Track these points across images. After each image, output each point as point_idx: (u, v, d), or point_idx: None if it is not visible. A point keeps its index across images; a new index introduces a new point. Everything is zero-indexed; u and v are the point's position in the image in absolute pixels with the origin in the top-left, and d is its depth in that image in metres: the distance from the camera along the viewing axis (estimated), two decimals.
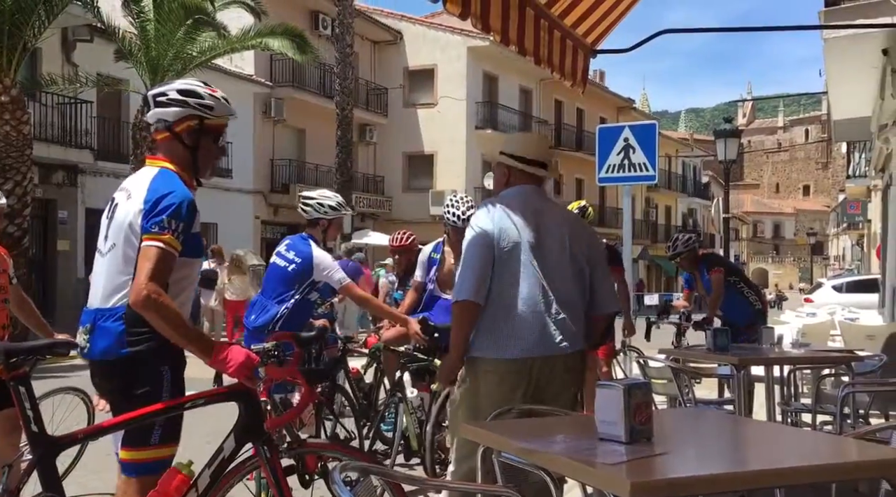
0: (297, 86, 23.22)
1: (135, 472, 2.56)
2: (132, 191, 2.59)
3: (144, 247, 2.45)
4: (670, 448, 2.11)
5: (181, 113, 2.58)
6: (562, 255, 3.09)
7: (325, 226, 4.49)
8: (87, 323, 2.59)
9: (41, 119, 15.39)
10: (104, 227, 2.67)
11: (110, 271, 2.59)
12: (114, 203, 2.67)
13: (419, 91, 27.74)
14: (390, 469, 3.87)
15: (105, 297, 2.58)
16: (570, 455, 2.00)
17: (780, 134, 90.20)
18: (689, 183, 46.24)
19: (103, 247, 2.65)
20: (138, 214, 2.51)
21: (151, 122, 2.66)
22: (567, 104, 32.91)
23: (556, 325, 3.05)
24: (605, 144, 7.35)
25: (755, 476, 1.85)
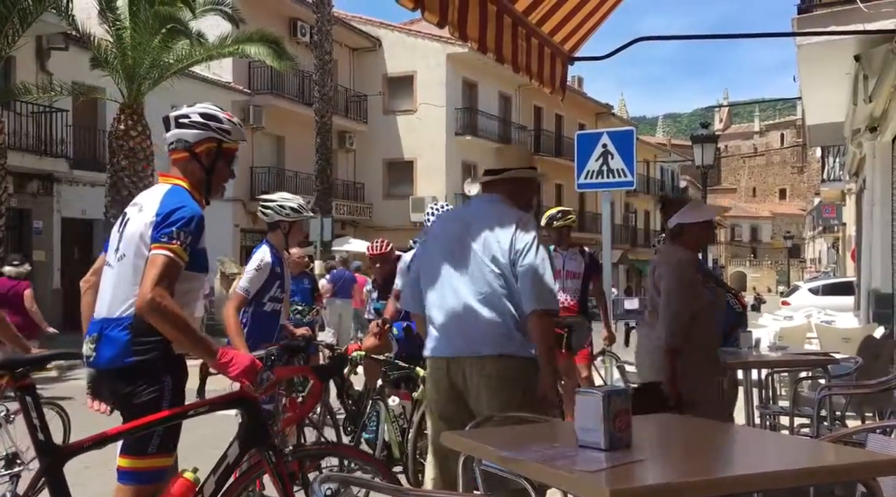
0: (276, 93, 23.14)
1: (132, 480, 2.63)
2: (144, 204, 2.70)
3: (152, 255, 2.54)
4: (650, 455, 2.12)
5: (202, 135, 2.74)
6: (476, 257, 3.05)
7: (286, 229, 4.31)
8: (94, 332, 2.65)
9: (15, 128, 15.20)
10: (115, 241, 2.75)
11: (118, 282, 2.66)
12: (125, 217, 2.76)
13: (399, 98, 27.75)
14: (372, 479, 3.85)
15: (112, 306, 2.64)
16: (549, 463, 2.00)
17: (756, 138, 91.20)
18: (667, 187, 46.64)
19: (113, 259, 2.73)
20: (149, 226, 2.61)
21: (170, 141, 2.77)
22: (546, 110, 33.08)
23: (464, 327, 3.04)
24: (584, 150, 7.40)
25: (734, 481, 1.87)
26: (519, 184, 3.25)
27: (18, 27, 12.69)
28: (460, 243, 3.11)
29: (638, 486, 1.84)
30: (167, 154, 2.89)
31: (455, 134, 27.45)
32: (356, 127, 26.78)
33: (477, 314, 3.02)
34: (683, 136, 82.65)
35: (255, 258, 4.22)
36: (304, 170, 22.64)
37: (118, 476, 2.65)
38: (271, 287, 4.25)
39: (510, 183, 3.23)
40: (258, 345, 4.12)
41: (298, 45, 23.12)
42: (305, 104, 22.74)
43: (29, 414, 2.43)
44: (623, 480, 1.84)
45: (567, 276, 6.37)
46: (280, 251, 4.34)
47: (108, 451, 6.52)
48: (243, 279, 4.17)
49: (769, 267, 71.17)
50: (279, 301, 4.35)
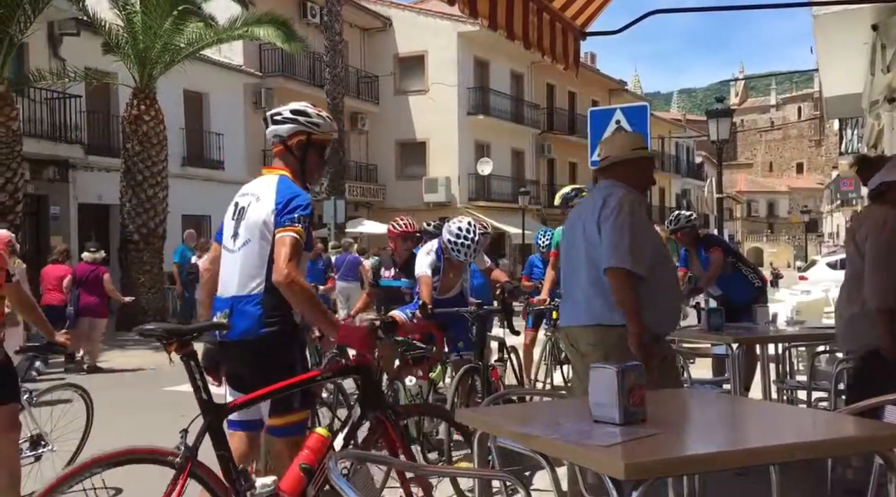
0: (287, 75, 23.09)
1: (284, 433, 2.98)
2: (260, 195, 3.02)
3: (280, 237, 2.87)
4: (664, 428, 2.13)
5: (293, 129, 3.05)
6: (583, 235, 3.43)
7: None
8: (225, 308, 2.97)
9: (30, 115, 15.28)
10: (231, 228, 3.08)
11: (245, 263, 2.98)
12: (239, 207, 3.10)
13: (410, 78, 27.61)
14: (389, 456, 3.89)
15: (242, 285, 2.97)
16: (564, 438, 2.01)
17: (772, 112, 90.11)
18: (682, 164, 46.25)
19: (233, 244, 3.05)
20: (271, 213, 2.93)
21: (270, 138, 3.12)
22: (559, 88, 32.81)
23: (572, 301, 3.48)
24: (597, 127, 7.33)
25: (749, 454, 1.87)
26: (629, 166, 3.51)
27: (30, 13, 12.71)
28: (576, 226, 3.49)
29: (653, 459, 1.85)
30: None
31: (467, 113, 27.31)
32: (368, 108, 26.70)
33: (581, 288, 3.38)
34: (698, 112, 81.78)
35: None
36: None
37: (271, 431, 3.00)
38: None
39: (621, 166, 3.50)
40: None
41: (308, 27, 23.03)
42: (317, 86, 22.69)
43: (193, 376, 2.72)
44: (638, 454, 1.84)
45: None
46: None
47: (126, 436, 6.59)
48: None
49: (786, 242, 70.59)
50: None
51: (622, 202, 3.31)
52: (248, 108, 22.14)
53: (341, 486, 1.75)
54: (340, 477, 1.80)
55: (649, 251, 3.30)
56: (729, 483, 4.01)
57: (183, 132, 19.60)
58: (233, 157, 21.29)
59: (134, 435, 6.40)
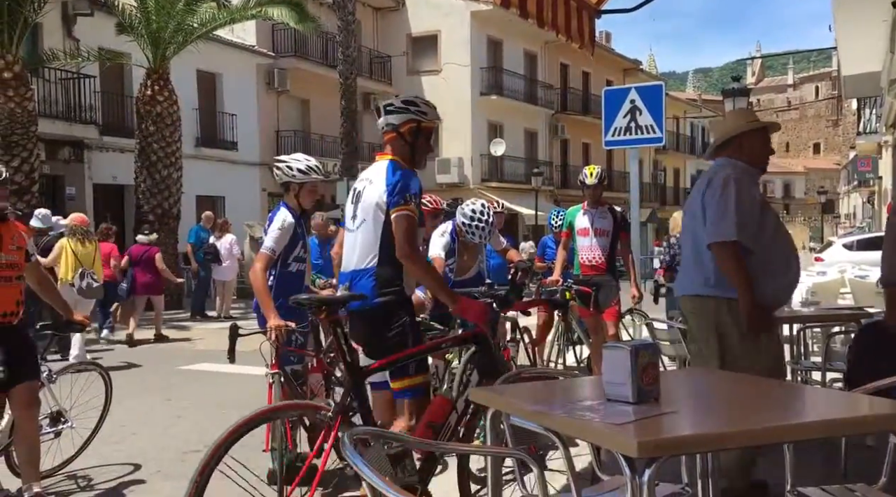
0: (300, 56, 23.02)
1: (407, 395, 3.28)
2: (373, 179, 3.33)
3: (396, 216, 3.18)
4: (678, 407, 2.13)
5: (404, 117, 3.35)
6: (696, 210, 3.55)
7: (297, 190, 4.30)
8: (346, 282, 3.34)
9: (45, 95, 15.35)
10: (351, 210, 3.43)
11: (363, 241, 3.31)
12: (356, 191, 3.42)
13: (423, 58, 27.46)
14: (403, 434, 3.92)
15: (360, 260, 3.30)
16: (577, 416, 2.02)
17: (789, 92, 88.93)
18: (697, 144, 45.84)
19: (352, 224, 3.40)
20: (384, 194, 3.23)
21: (382, 126, 3.40)
22: (573, 67, 32.53)
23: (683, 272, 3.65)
24: (612, 107, 7.27)
25: (762, 432, 1.86)
26: (744, 141, 3.56)
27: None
28: (693, 198, 3.60)
29: (666, 437, 1.85)
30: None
31: (480, 94, 27.16)
32: (381, 88, 26.60)
33: (686, 259, 3.55)
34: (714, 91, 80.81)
35: (277, 219, 4.22)
36: (329, 133, 22.61)
37: (396, 395, 3.31)
38: (295, 247, 4.27)
39: (734, 142, 3.55)
40: (285, 305, 4.16)
41: (321, 7, 22.90)
42: (329, 66, 22.61)
43: (340, 342, 3.05)
44: (651, 432, 1.84)
45: (596, 234, 6.34)
46: (297, 212, 4.32)
47: (142, 413, 6.67)
48: (268, 239, 4.17)
49: (802, 223, 70.00)
50: (303, 261, 4.37)
51: (727, 180, 3.37)
52: (260, 88, 22.12)
53: (356, 462, 1.76)
54: (355, 453, 1.82)
55: (755, 226, 3.36)
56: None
57: (196, 113, 19.63)
58: (246, 138, 21.31)
59: (144, 413, 6.50)
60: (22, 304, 3.89)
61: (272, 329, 3.90)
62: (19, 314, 3.85)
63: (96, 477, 4.54)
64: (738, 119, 3.68)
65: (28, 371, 3.83)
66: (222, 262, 13.24)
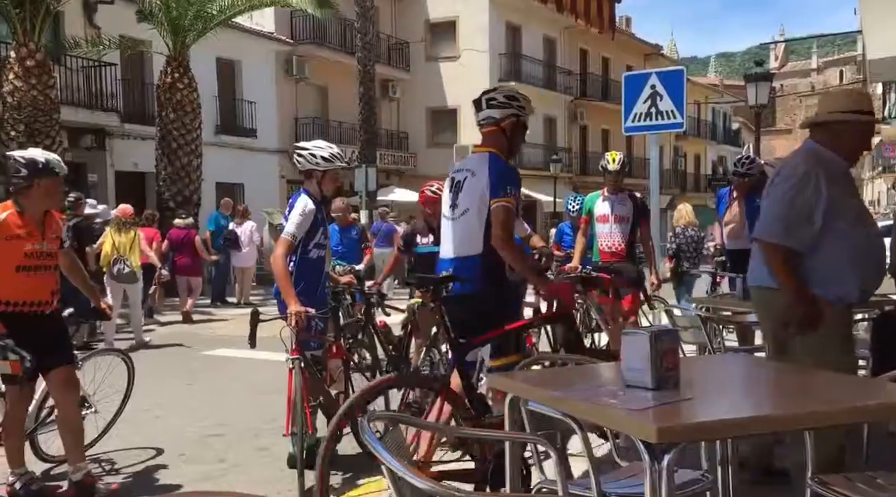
0: (318, 42, 23.00)
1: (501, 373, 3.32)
2: (475, 170, 3.51)
3: (496, 207, 3.38)
4: (698, 393, 2.12)
5: (506, 112, 3.55)
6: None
7: (319, 178, 4.29)
8: (448, 268, 3.53)
9: (67, 83, 15.47)
10: (450, 199, 3.61)
11: (464, 229, 3.52)
12: (455, 181, 3.60)
13: (441, 44, 27.34)
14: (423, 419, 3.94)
15: (460, 248, 3.52)
16: (596, 402, 2.02)
17: (813, 76, 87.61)
18: (718, 130, 45.34)
19: (451, 213, 3.60)
20: (486, 186, 3.42)
21: (482, 119, 3.58)
22: (592, 53, 32.24)
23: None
24: (632, 92, 7.20)
25: (782, 419, 1.85)
26: (842, 129, 3.24)
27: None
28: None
29: (685, 423, 1.84)
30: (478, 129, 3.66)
31: (498, 80, 26.98)
32: (399, 75, 26.55)
33: (758, 250, 3.41)
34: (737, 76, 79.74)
35: (298, 205, 4.23)
36: (347, 120, 22.62)
37: (490, 371, 3.45)
38: (315, 233, 4.27)
39: (833, 127, 3.26)
40: (305, 291, 4.18)
41: None
42: (348, 53, 22.59)
43: (443, 319, 3.32)
44: (670, 418, 1.84)
45: (616, 220, 6.30)
46: (317, 198, 4.32)
47: (164, 397, 6.74)
48: (289, 224, 4.18)
49: None
50: (323, 248, 4.37)
51: (796, 172, 3.19)
52: (279, 75, 22.15)
53: (374, 446, 1.78)
54: (373, 437, 1.83)
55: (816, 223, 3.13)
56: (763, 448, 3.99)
57: (216, 100, 19.70)
58: (265, 126, 21.37)
59: (163, 398, 6.58)
60: (56, 293, 3.92)
61: (292, 315, 3.92)
62: (53, 303, 3.89)
63: (120, 460, 4.62)
64: (849, 103, 3.27)
65: (63, 357, 3.89)
66: (242, 248, 13.33)
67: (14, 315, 3.71)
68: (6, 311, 3.70)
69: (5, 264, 3.69)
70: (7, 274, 3.69)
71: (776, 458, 3.60)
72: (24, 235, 3.73)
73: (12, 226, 3.71)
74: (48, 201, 3.81)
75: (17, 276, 3.71)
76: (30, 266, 3.74)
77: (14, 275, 3.70)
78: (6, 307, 3.71)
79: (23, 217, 3.74)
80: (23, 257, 3.72)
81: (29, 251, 3.75)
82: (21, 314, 3.74)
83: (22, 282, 3.73)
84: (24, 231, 3.73)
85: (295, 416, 3.89)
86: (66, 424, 3.92)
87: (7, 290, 3.71)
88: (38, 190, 3.75)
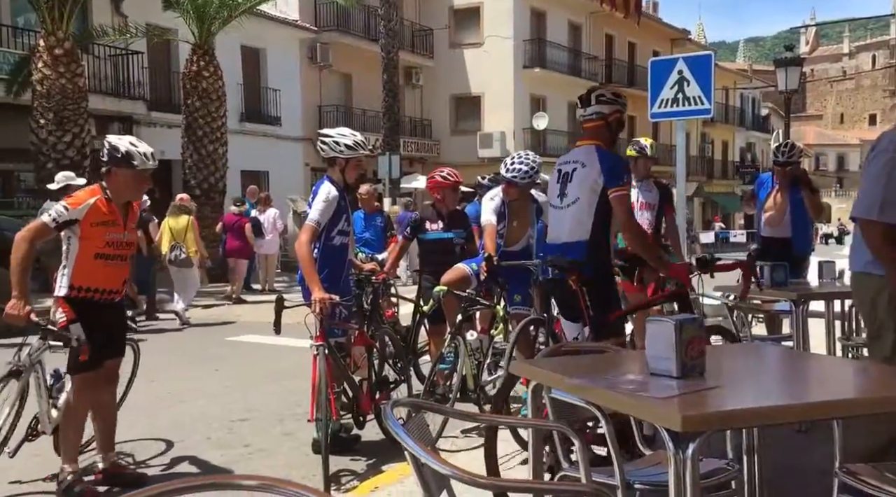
0: (342, 30, 23.00)
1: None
2: (584, 162, 3.74)
3: (615, 196, 3.62)
4: (724, 382, 2.09)
5: (613, 108, 3.83)
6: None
7: (342, 165, 4.30)
8: (554, 253, 3.81)
9: (94, 71, 15.64)
10: (558, 188, 3.83)
11: (575, 217, 3.74)
12: (562, 172, 3.83)
13: (465, 30, 27.19)
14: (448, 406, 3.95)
15: (570, 234, 3.75)
16: (620, 390, 2.00)
17: (845, 61, 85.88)
18: (747, 116, 44.65)
19: (560, 202, 3.82)
20: (598, 177, 3.65)
21: (589, 114, 3.83)
22: (618, 38, 31.88)
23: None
24: (658, 78, 7.10)
25: (809, 408, 1.82)
26: None
27: None
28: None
29: (711, 411, 1.82)
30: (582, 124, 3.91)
31: (523, 67, 26.83)
32: (423, 62, 26.47)
33: (859, 235, 3.34)
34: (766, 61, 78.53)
35: (322, 191, 4.24)
36: (371, 107, 22.63)
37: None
38: (339, 220, 4.29)
39: None
40: (329, 278, 4.19)
41: None
42: (371, 40, 22.56)
43: (584, 300, 3.59)
44: (695, 406, 1.82)
45: (641, 207, 6.22)
46: (341, 186, 4.33)
47: (190, 383, 6.80)
48: (313, 211, 4.20)
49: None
50: (346, 234, 4.38)
51: (891, 147, 3.11)
52: (303, 63, 22.20)
53: (398, 432, 1.78)
54: (397, 423, 1.83)
55: None
56: (789, 439, 3.95)
57: (241, 88, 19.81)
58: (289, 113, 21.46)
59: (176, 388, 6.66)
60: (126, 283, 3.93)
61: (317, 302, 3.94)
62: (122, 292, 3.89)
63: (145, 445, 4.68)
64: None
65: (119, 348, 3.92)
66: (265, 235, 13.44)
67: (84, 301, 3.67)
68: (77, 296, 3.67)
69: (86, 250, 3.65)
70: (86, 260, 3.65)
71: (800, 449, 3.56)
72: (110, 223, 3.69)
73: (100, 212, 3.66)
74: (125, 192, 3.74)
75: (94, 262, 3.67)
76: (108, 255, 3.70)
77: (92, 261, 3.66)
78: (78, 293, 3.67)
79: (109, 204, 3.69)
80: (104, 245, 3.68)
81: (111, 240, 3.71)
82: (91, 301, 3.70)
83: (99, 269, 3.69)
84: (109, 218, 3.69)
85: (319, 402, 3.91)
86: (106, 414, 3.90)
87: (82, 277, 3.67)
88: (115, 178, 3.70)
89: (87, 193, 3.72)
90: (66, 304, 3.64)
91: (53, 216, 3.59)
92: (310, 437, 4.42)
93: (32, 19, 14.29)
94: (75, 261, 3.66)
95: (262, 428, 5.08)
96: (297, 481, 2.88)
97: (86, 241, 3.64)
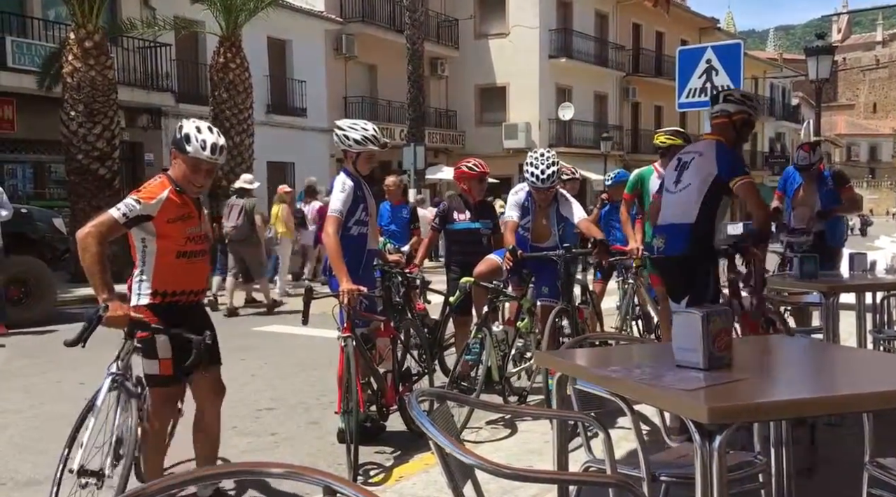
0: (368, 21, 23.01)
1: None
2: (703, 152, 4.02)
3: (742, 185, 3.85)
4: (751, 374, 2.07)
5: (740, 108, 4.04)
6: None
7: (353, 158, 4.34)
8: (662, 234, 4.10)
9: (124, 63, 15.82)
10: (674, 176, 4.11)
11: (684, 200, 3.99)
12: (682, 161, 4.11)
13: (490, 21, 27.07)
14: (473, 397, 3.96)
15: (677, 216, 4.00)
16: (646, 381, 1.99)
17: (878, 49, 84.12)
18: (777, 106, 43.95)
19: (674, 187, 4.09)
20: (714, 168, 3.90)
21: (715, 111, 4.07)
22: (646, 27, 31.52)
23: None
24: (686, 67, 7.03)
25: (839, 401, 1.80)
26: None
27: None
28: None
29: (738, 403, 1.81)
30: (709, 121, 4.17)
31: (549, 57, 26.64)
32: (448, 53, 26.40)
33: None
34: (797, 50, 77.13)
35: (337, 183, 4.32)
36: (396, 98, 22.63)
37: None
38: (356, 210, 4.31)
39: None
40: (353, 270, 4.21)
41: None
42: (397, 31, 22.55)
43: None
44: (722, 398, 1.81)
45: None
46: (356, 177, 4.35)
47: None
48: (333, 202, 4.25)
49: (889, 188, 66.65)
50: (365, 224, 4.40)
51: None
52: (329, 54, 22.25)
53: (423, 422, 1.79)
54: (422, 414, 1.84)
55: None
56: (819, 432, 3.91)
57: (267, 79, 19.92)
58: (314, 105, 21.53)
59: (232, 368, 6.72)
60: (208, 279, 3.75)
61: (345, 293, 3.96)
62: (206, 290, 3.52)
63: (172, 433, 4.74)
64: None
65: (216, 353, 3.44)
66: (308, 227, 13.52)
67: (170, 307, 3.21)
68: (163, 302, 3.19)
69: (166, 250, 3.17)
70: (167, 262, 3.18)
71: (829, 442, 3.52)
72: (186, 217, 3.21)
73: (175, 205, 3.18)
74: (183, 180, 3.22)
75: (177, 263, 3.19)
76: (189, 252, 3.23)
77: (174, 262, 3.19)
78: (163, 298, 3.19)
79: (181, 196, 3.20)
80: (185, 241, 3.20)
81: (191, 235, 3.23)
82: (176, 306, 3.23)
83: (183, 269, 3.21)
84: (185, 211, 3.22)
85: (348, 392, 3.94)
86: (209, 434, 3.42)
87: (164, 281, 3.19)
88: (174, 164, 3.27)
89: (159, 186, 3.20)
90: (148, 313, 3.15)
91: (124, 210, 3.07)
92: (335, 427, 4.45)
93: (63, 13, 14.48)
94: (154, 264, 3.18)
95: (288, 417, 5.13)
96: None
97: (164, 240, 3.16)
